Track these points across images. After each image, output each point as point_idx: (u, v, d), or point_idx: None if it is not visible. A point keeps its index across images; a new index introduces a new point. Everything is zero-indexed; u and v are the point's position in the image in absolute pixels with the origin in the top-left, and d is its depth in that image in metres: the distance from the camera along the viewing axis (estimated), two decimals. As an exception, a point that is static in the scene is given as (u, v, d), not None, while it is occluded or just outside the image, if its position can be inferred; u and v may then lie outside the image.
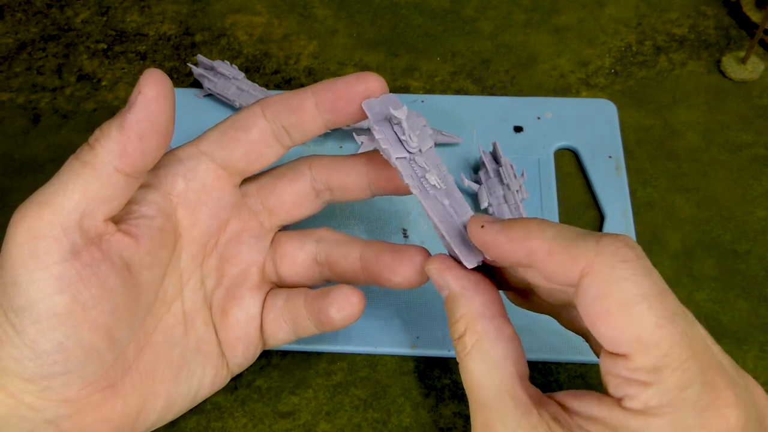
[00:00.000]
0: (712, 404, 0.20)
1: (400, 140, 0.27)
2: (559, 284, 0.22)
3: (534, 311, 0.28)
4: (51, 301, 0.23)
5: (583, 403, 0.22)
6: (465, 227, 0.26)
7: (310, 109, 0.28)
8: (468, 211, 0.27)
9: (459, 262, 0.26)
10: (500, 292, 0.27)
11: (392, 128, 0.27)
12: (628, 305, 0.20)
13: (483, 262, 0.26)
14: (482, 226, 0.24)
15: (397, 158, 0.27)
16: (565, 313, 0.27)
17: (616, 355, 0.21)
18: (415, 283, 0.29)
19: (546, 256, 0.22)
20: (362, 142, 0.29)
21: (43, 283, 0.23)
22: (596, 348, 0.26)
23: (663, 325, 0.20)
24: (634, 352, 0.20)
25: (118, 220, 0.26)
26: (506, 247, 0.23)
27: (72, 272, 0.23)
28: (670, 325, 0.20)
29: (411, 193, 0.30)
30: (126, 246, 0.25)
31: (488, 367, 0.24)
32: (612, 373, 0.21)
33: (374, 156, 0.29)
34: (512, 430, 0.22)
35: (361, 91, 0.27)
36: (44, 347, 0.23)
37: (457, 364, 0.33)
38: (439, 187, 0.27)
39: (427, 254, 0.29)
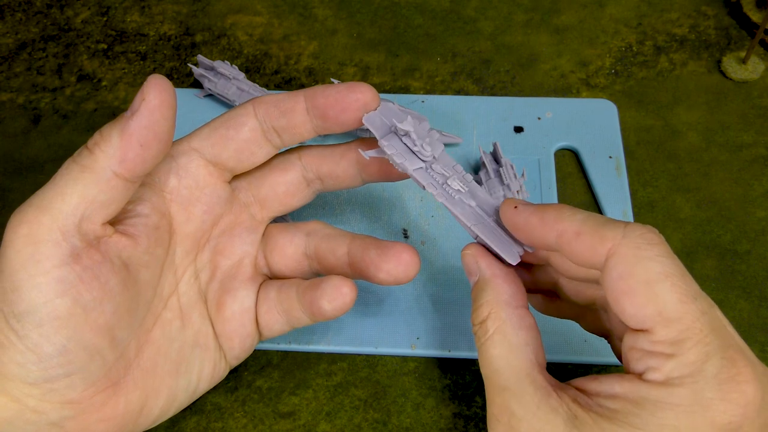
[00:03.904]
0: (732, 378, 0.20)
1: (412, 151, 0.27)
2: (586, 265, 0.23)
3: (558, 317, 0.29)
4: (52, 305, 0.23)
5: (603, 384, 0.23)
6: (497, 223, 0.27)
7: (301, 113, 0.28)
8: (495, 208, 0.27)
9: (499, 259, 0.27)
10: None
11: (400, 139, 0.27)
12: (651, 283, 0.21)
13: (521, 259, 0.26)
14: (515, 207, 0.25)
15: (414, 170, 0.27)
16: (589, 315, 0.28)
17: (639, 331, 0.22)
18: (400, 279, 0.29)
19: (574, 237, 0.23)
20: (369, 157, 0.29)
21: (44, 288, 0.23)
22: (617, 348, 0.27)
23: (685, 302, 0.21)
24: (656, 326, 0.21)
25: (114, 220, 0.26)
26: (537, 228, 0.24)
27: (72, 275, 0.23)
28: (692, 302, 0.21)
29: (402, 179, 0.30)
30: (124, 246, 0.25)
31: (508, 352, 0.24)
32: (635, 347, 0.22)
33: (363, 144, 0.29)
34: (532, 412, 0.23)
35: (353, 101, 0.27)
36: (47, 351, 0.23)
37: (456, 364, 0.34)
38: (463, 190, 0.27)
39: (414, 252, 0.29)
